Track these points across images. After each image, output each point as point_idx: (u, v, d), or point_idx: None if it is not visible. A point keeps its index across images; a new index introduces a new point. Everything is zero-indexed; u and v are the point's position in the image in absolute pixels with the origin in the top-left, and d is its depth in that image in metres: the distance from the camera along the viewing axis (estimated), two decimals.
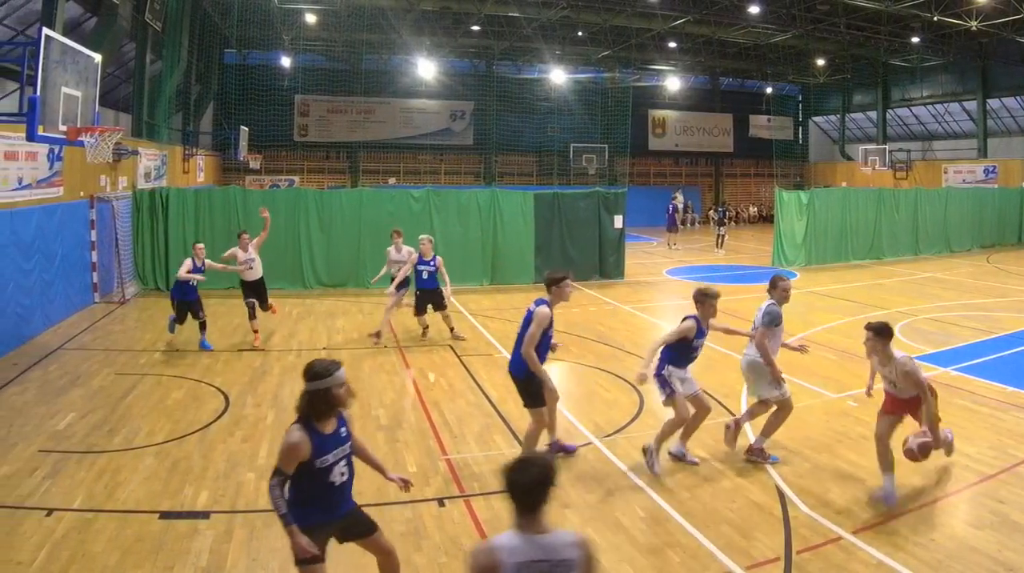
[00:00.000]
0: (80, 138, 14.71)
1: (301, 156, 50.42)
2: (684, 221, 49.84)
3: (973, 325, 19.67)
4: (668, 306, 22.97)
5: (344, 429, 6.14)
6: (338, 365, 6.02)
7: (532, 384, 9.75)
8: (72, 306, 19.83)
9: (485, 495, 9.34)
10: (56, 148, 18.20)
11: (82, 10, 25.13)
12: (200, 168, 38.80)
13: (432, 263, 17.29)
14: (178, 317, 16.73)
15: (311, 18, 41.09)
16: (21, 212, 16.71)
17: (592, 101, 54.13)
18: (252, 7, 38.03)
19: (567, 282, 9.80)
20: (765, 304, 10.56)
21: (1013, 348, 17.03)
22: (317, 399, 5.90)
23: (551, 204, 26.59)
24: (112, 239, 22.24)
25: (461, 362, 15.86)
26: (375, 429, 11.74)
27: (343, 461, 6.09)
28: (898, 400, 9.41)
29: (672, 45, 48.98)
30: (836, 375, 14.70)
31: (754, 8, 38.08)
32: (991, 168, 46.66)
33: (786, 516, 8.76)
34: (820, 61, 51.59)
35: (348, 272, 24.60)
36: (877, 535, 8.17)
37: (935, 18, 36.20)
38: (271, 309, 18.33)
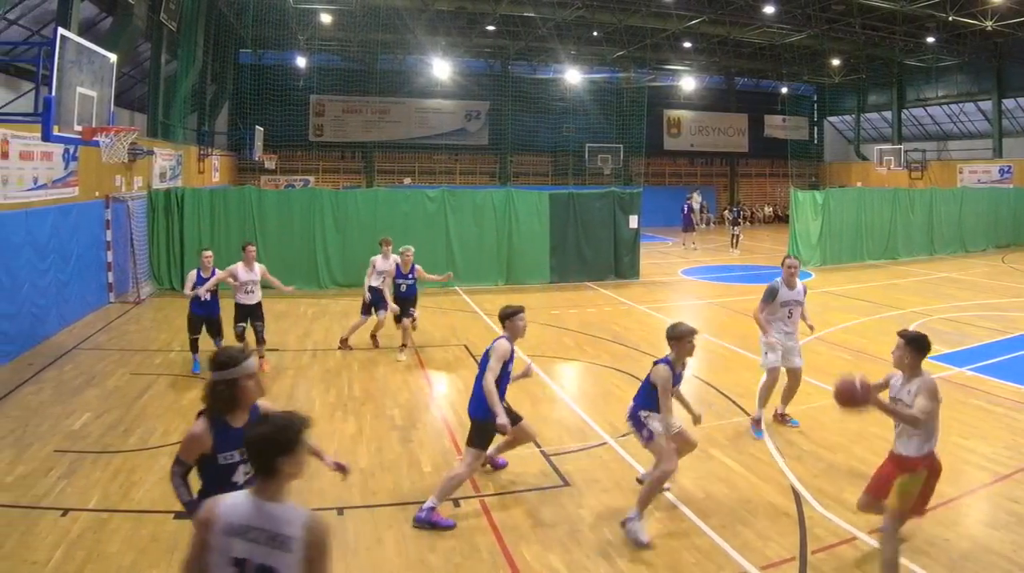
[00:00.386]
0: (95, 138, 14.73)
1: (316, 156, 50.40)
2: (701, 221, 49.68)
3: (988, 325, 19.57)
4: (683, 306, 22.94)
5: None
6: (247, 355, 5.68)
7: (487, 427, 8.83)
8: (87, 306, 19.87)
9: (500, 495, 9.33)
10: (71, 148, 18.24)
11: (97, 10, 25.17)
12: (215, 168, 38.88)
13: (411, 276, 16.45)
14: (190, 329, 14.79)
15: (326, 18, 41.13)
16: (36, 212, 16.74)
17: (607, 101, 54.01)
18: (267, 7, 38.09)
19: (520, 316, 9.12)
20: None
21: None
22: (222, 390, 5.54)
23: (566, 204, 26.55)
24: (127, 239, 22.29)
25: (476, 361, 15.80)
26: (390, 429, 11.77)
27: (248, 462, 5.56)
28: (891, 463, 7.60)
29: (687, 45, 48.86)
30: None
31: (769, 8, 37.93)
32: (1006, 168, 46.33)
33: (801, 516, 8.73)
34: (835, 61, 51.32)
35: (363, 272, 24.41)
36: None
37: (950, 18, 36.02)
38: (262, 364, 14.33)
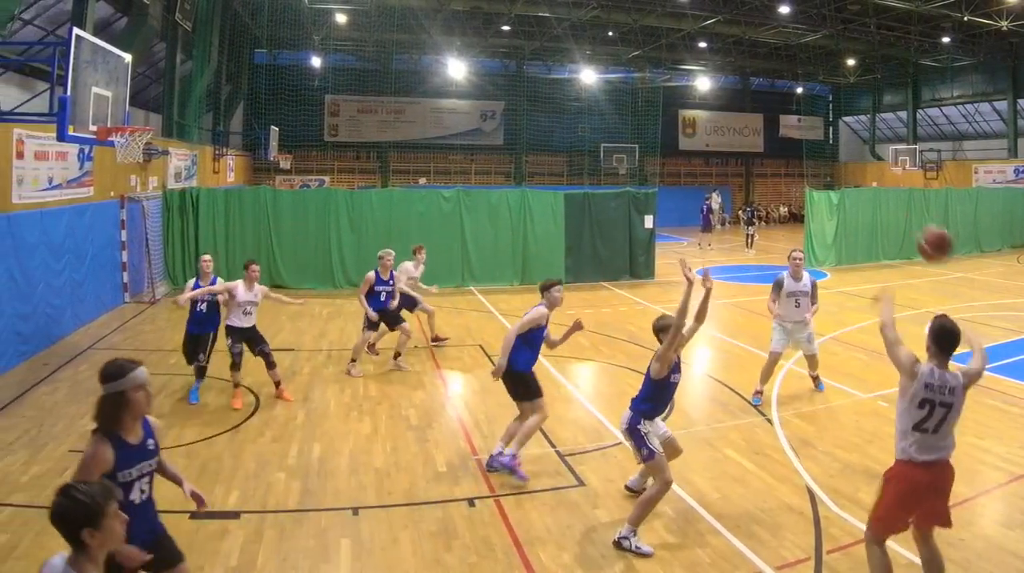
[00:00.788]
0: (110, 138, 14.71)
1: (331, 156, 50.42)
2: (718, 221, 49.59)
3: (1004, 325, 19.47)
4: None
5: (152, 441, 5.52)
6: (136, 365, 5.34)
7: (522, 376, 9.92)
8: (102, 306, 19.89)
9: (515, 495, 9.30)
10: (86, 148, 18.26)
11: (112, 10, 25.24)
12: (230, 168, 38.93)
13: (391, 282, 15.26)
14: (187, 355, 13.31)
15: (341, 18, 41.15)
16: (51, 212, 16.74)
17: (622, 101, 53.79)
18: (282, 7, 38.17)
19: (557, 288, 10.04)
20: None
21: None
22: (112, 404, 5.24)
23: (581, 204, 26.48)
24: (142, 239, 22.31)
25: (491, 362, 15.75)
26: (406, 429, 11.75)
27: (146, 477, 5.48)
28: (923, 470, 6.64)
29: (702, 45, 48.72)
30: (866, 375, 14.57)
31: (784, 8, 37.75)
32: (1021, 168, 45.95)
33: (816, 516, 8.69)
34: (850, 61, 51.09)
35: None
36: (907, 535, 8.02)
37: (965, 18, 35.80)
38: (278, 385, 13.38)
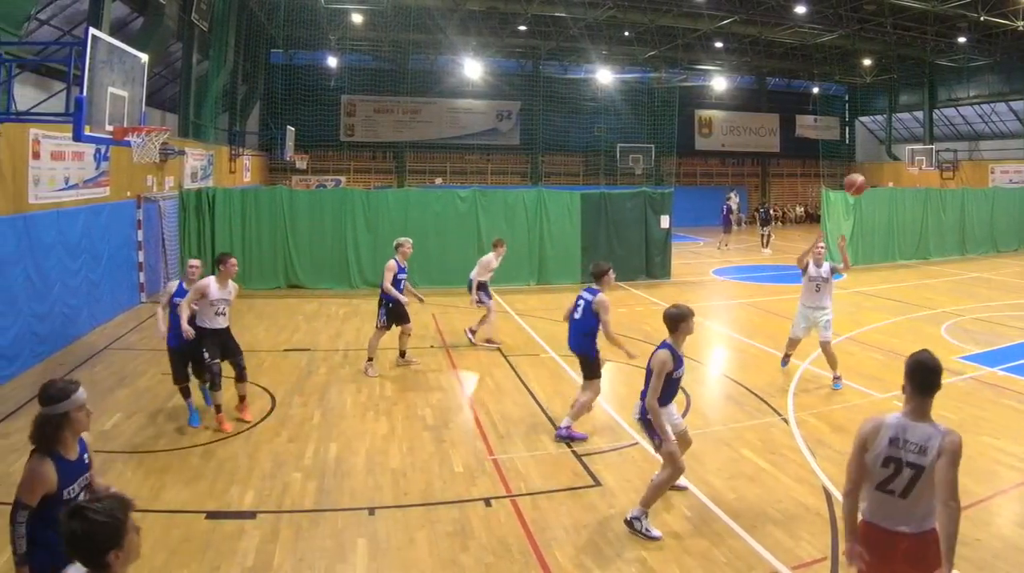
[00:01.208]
0: (127, 138, 14.74)
1: (348, 156, 50.53)
2: (735, 221, 49.53)
3: (1021, 325, 19.40)
4: (715, 306, 22.79)
5: (87, 455, 5.60)
6: (76, 385, 5.45)
7: (587, 360, 11.42)
8: (118, 306, 19.94)
9: (532, 495, 9.30)
10: (103, 148, 18.29)
11: (129, 10, 25.32)
12: (246, 168, 39.00)
13: (405, 271, 15.31)
14: (174, 373, 12.06)
15: (357, 18, 41.20)
16: (68, 212, 16.78)
17: (639, 101, 53.59)
18: (298, 7, 38.24)
19: (611, 273, 11.65)
20: None
21: None
22: (54, 424, 5.31)
23: (598, 204, 26.47)
24: (159, 239, 22.38)
25: (508, 362, 15.80)
26: (422, 429, 11.75)
27: (84, 491, 5.50)
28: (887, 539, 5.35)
29: (719, 45, 48.52)
30: (882, 375, 14.55)
31: (801, 8, 37.66)
32: None
33: (833, 516, 8.68)
34: (867, 61, 50.98)
35: None
36: None
37: (982, 18, 35.61)
38: (242, 400, 12.29)
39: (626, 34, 46.59)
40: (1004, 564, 7.60)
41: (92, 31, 13.16)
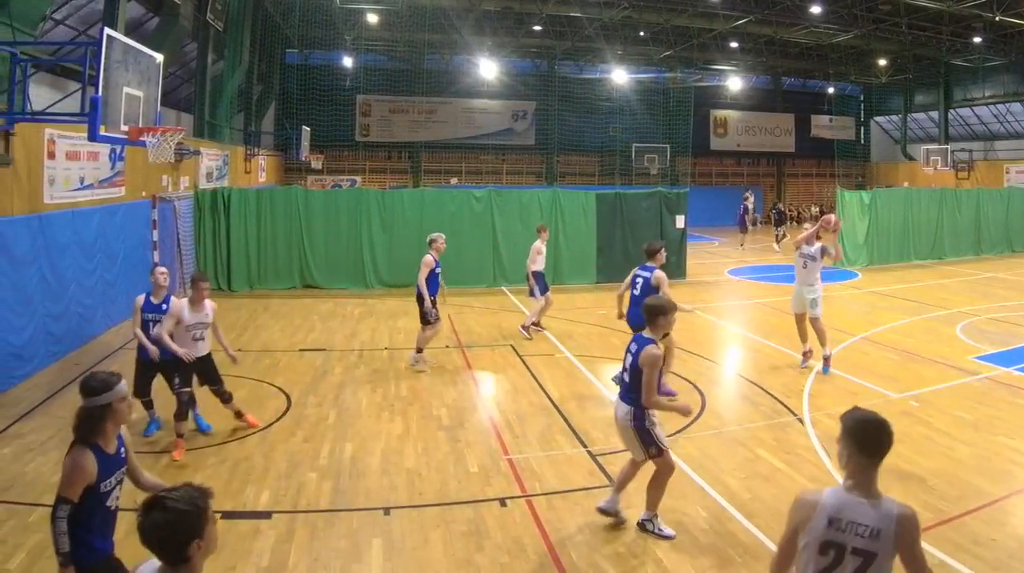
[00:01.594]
0: (142, 138, 14.75)
1: (363, 156, 50.61)
2: (752, 222, 49.45)
3: None
4: (730, 306, 22.71)
5: (123, 449, 5.59)
6: (118, 377, 5.47)
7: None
8: (133, 306, 19.90)
9: (547, 495, 9.26)
10: (118, 148, 18.31)
11: (144, 10, 25.41)
12: (262, 168, 39.05)
13: (440, 266, 15.44)
14: (137, 386, 11.20)
15: (372, 18, 41.28)
16: (83, 212, 16.80)
17: (654, 101, 53.42)
18: (314, 7, 38.32)
19: (663, 250, 13.66)
20: None
21: None
22: (97, 416, 5.33)
23: (613, 204, 26.40)
24: (174, 239, 22.35)
25: (523, 362, 15.76)
26: (437, 429, 11.72)
27: (120, 485, 5.53)
28: None
29: (734, 45, 48.45)
30: (898, 375, 14.44)
31: (816, 8, 37.58)
32: None
33: None
34: (882, 61, 50.92)
35: (410, 272, 24.28)
36: (939, 535, 8.04)
37: (997, 18, 35.38)
38: (240, 415, 11.64)
39: (641, 34, 46.55)
40: (1020, 564, 7.56)
41: (107, 31, 13.18)
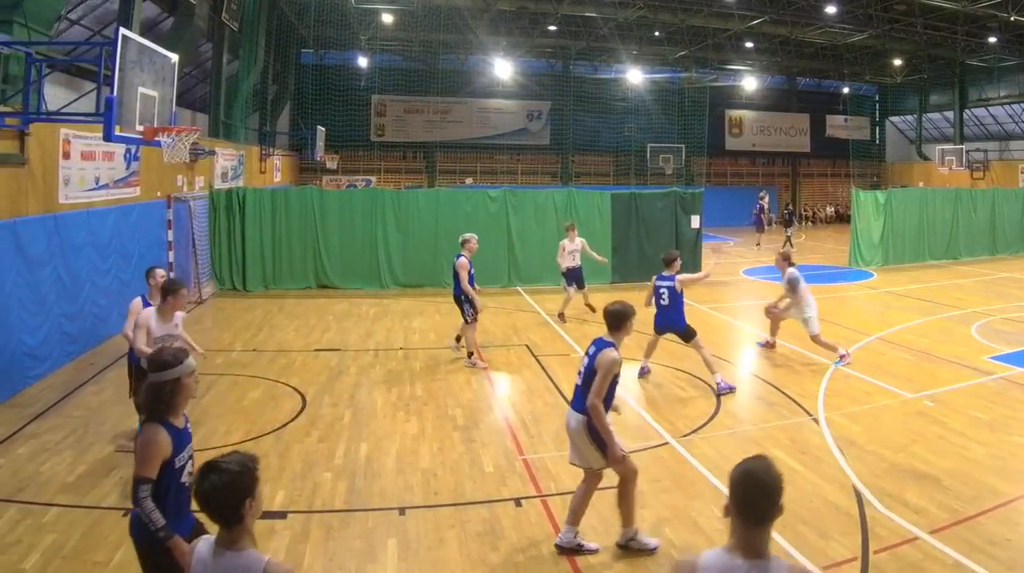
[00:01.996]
0: (157, 138, 14.76)
1: (378, 156, 50.76)
2: (767, 222, 49.37)
3: None
4: (745, 306, 22.64)
5: (189, 425, 5.70)
6: (186, 353, 5.62)
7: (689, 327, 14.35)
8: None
9: (562, 495, 9.20)
10: (133, 148, 18.34)
11: (159, 10, 25.52)
12: (277, 168, 39.12)
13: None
14: (133, 389, 10.84)
15: (388, 18, 41.37)
16: (98, 212, 16.83)
17: (669, 101, 53.26)
18: (329, 7, 38.41)
19: (679, 258, 14.94)
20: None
21: None
22: (168, 391, 5.44)
23: (628, 204, 26.35)
24: (189, 239, 22.42)
25: (538, 362, 15.75)
26: (452, 429, 11.72)
27: (191, 459, 5.55)
28: None
29: (749, 45, 48.40)
30: (913, 375, 14.38)
31: (831, 8, 37.56)
32: None
33: (863, 516, 8.58)
34: (897, 61, 50.77)
35: (425, 272, 24.52)
36: (954, 535, 8.01)
37: (1012, 18, 35.27)
38: None
39: (656, 34, 46.50)
40: None
41: (122, 31, 13.18)
